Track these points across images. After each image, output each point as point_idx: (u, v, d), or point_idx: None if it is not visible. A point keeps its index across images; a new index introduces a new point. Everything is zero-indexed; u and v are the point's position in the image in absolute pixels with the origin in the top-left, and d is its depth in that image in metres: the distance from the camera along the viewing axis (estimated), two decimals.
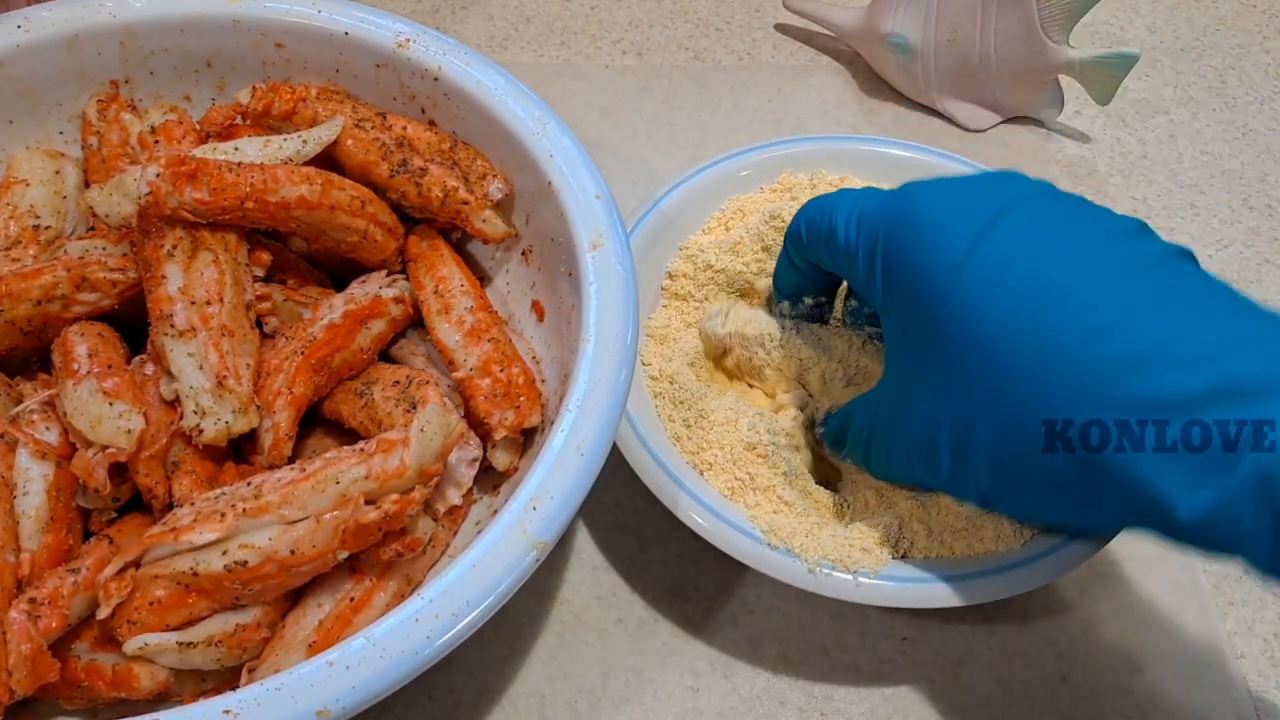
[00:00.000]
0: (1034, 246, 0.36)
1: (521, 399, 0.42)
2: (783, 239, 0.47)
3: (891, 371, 0.41)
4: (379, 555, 0.38)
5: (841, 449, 0.45)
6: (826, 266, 0.44)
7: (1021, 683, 0.45)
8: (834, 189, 0.53)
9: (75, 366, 0.40)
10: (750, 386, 0.50)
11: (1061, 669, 0.45)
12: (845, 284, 0.48)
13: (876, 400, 0.43)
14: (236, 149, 0.45)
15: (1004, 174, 0.40)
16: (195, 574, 0.36)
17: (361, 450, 0.37)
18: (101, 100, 0.50)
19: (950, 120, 0.67)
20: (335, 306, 0.45)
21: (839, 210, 0.42)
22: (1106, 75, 0.63)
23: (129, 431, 0.38)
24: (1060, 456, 0.34)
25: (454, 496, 0.42)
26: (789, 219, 0.52)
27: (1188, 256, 0.36)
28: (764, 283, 0.51)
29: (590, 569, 0.48)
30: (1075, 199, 0.38)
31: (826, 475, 0.47)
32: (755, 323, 0.48)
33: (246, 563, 0.36)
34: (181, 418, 0.39)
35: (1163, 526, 0.33)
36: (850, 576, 0.42)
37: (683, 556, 0.48)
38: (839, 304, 0.49)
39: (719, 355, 0.50)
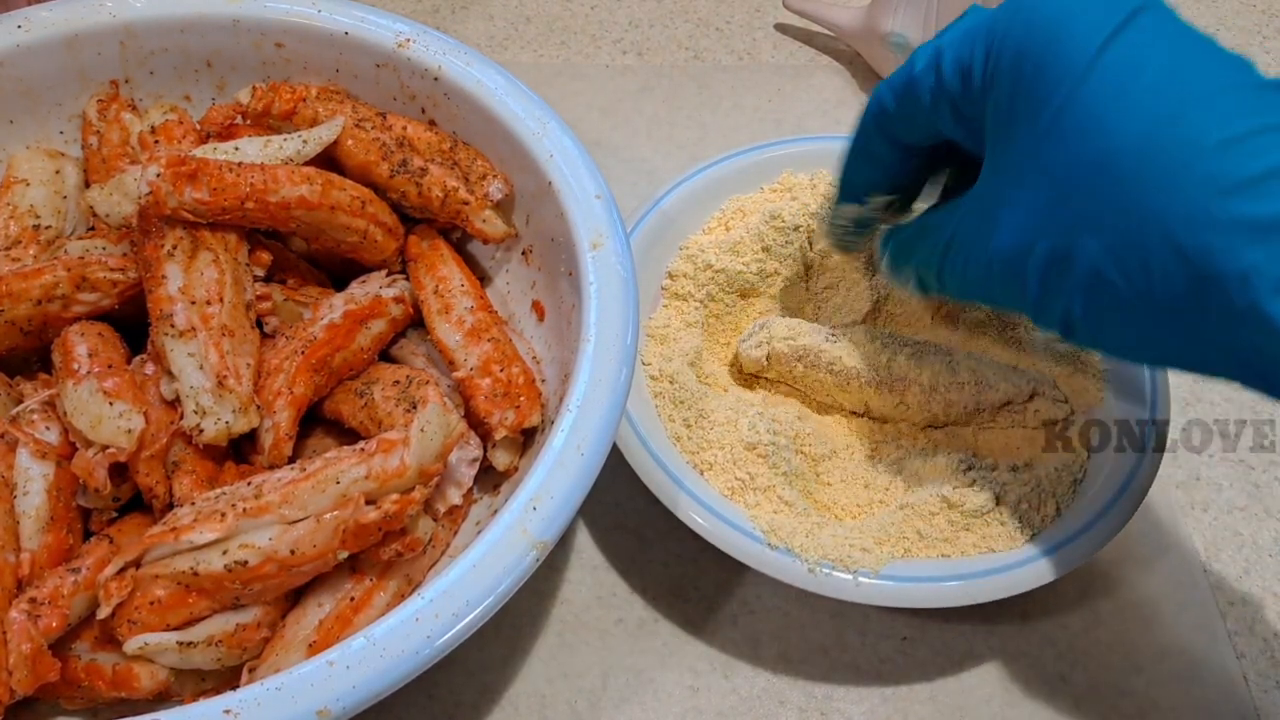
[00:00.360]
0: (1169, 49, 0.34)
1: (521, 399, 0.42)
2: (846, 150, 0.44)
3: (985, 183, 0.38)
4: (379, 555, 0.38)
5: (905, 263, 0.42)
6: (921, 132, 0.41)
7: (1021, 683, 0.45)
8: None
9: (75, 366, 0.40)
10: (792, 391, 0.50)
11: (1061, 669, 0.45)
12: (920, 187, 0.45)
13: (961, 210, 0.40)
14: (236, 149, 0.45)
15: None
16: (195, 574, 0.36)
17: (362, 450, 0.37)
18: (101, 100, 0.50)
19: None
20: (335, 306, 0.45)
21: (943, 44, 0.39)
22: None
23: (129, 431, 0.38)
24: (1174, 279, 0.32)
25: (454, 496, 0.42)
26: (789, 219, 0.52)
27: None
28: (765, 283, 0.51)
29: (590, 569, 0.48)
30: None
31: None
32: (800, 334, 0.48)
33: (247, 562, 0.36)
34: (182, 418, 0.39)
35: (1273, 367, 0.31)
36: (850, 576, 0.42)
37: (683, 556, 0.48)
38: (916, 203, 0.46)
39: (757, 371, 0.50)
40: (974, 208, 0.39)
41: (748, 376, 0.50)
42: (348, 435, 0.44)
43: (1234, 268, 0.30)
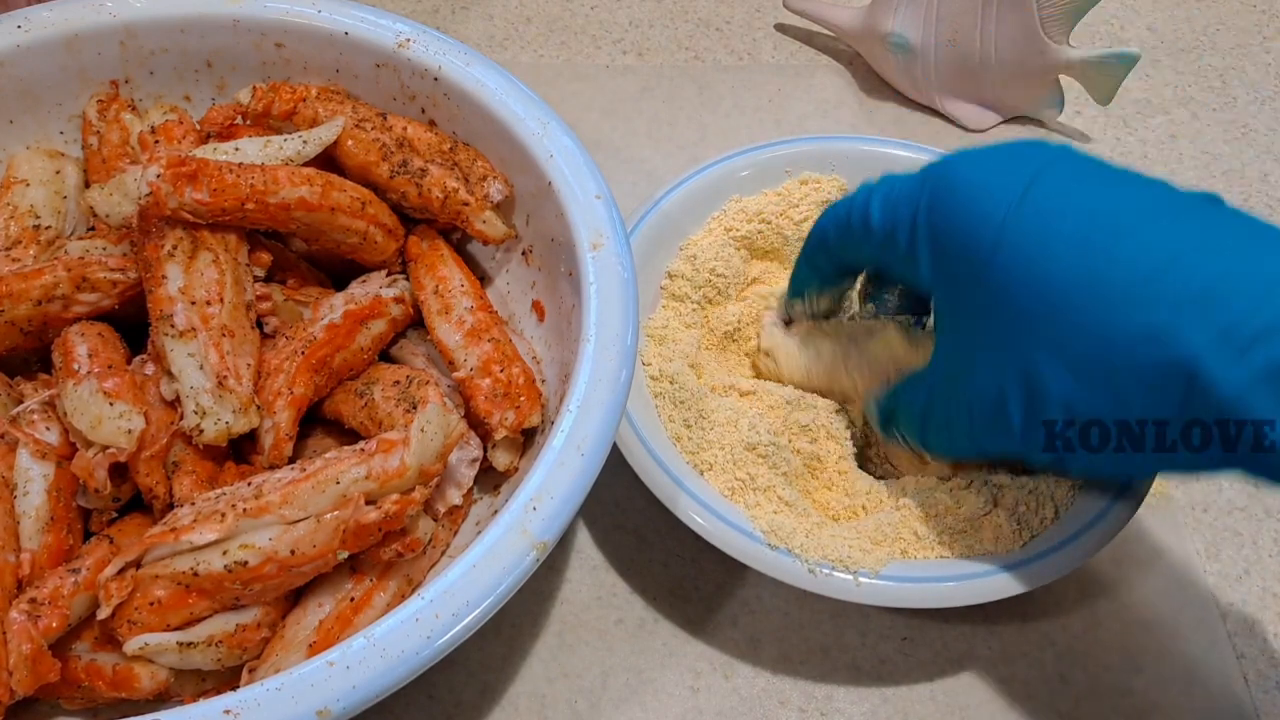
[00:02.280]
0: (1078, 196, 0.36)
1: (521, 399, 0.42)
2: (800, 245, 0.47)
3: (946, 342, 0.41)
4: (379, 555, 0.38)
5: (895, 430, 0.45)
6: (856, 261, 0.45)
7: (1021, 683, 0.45)
8: (834, 189, 0.53)
9: (75, 366, 0.40)
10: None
11: (1061, 669, 0.45)
12: (859, 279, 0.49)
13: (931, 373, 0.42)
14: (237, 149, 0.45)
15: (1029, 141, 0.40)
16: (196, 574, 0.36)
17: (362, 450, 0.37)
18: (101, 100, 0.50)
19: (950, 120, 0.67)
20: (335, 306, 0.45)
21: (871, 200, 0.42)
22: (1107, 75, 0.63)
23: (129, 431, 0.38)
24: (1151, 390, 0.33)
25: (454, 496, 0.42)
26: (789, 219, 0.52)
27: (1218, 200, 0.37)
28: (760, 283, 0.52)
29: (590, 569, 0.48)
30: (1098, 159, 0.39)
31: (876, 465, 0.48)
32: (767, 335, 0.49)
33: (247, 563, 0.36)
34: (182, 418, 0.39)
35: (1256, 457, 0.33)
36: (850, 576, 0.42)
37: (683, 556, 0.48)
38: (856, 296, 0.50)
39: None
40: (942, 369, 0.41)
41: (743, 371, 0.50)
42: (348, 435, 0.44)
43: (1184, 356, 0.32)
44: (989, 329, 0.38)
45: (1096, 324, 0.34)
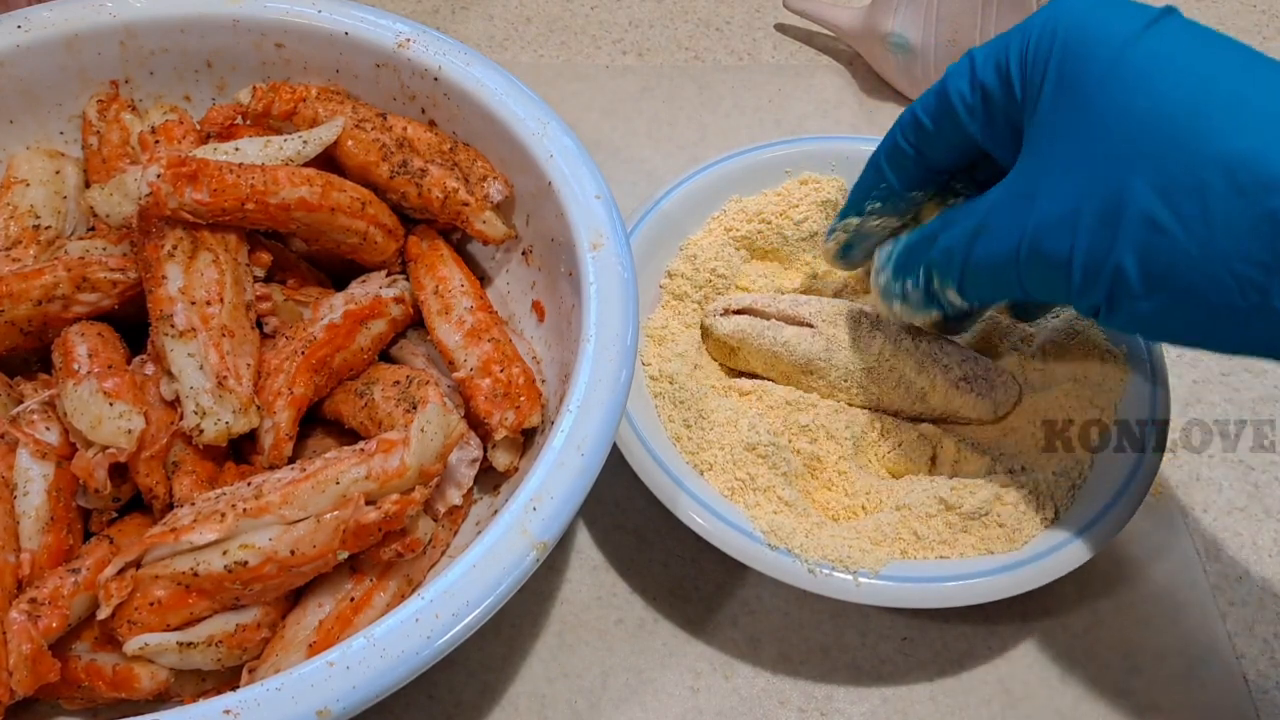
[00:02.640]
0: (1201, 38, 0.36)
1: (521, 399, 0.42)
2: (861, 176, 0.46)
3: (1021, 169, 0.39)
4: (379, 555, 0.38)
5: (916, 264, 0.43)
6: (947, 140, 0.42)
7: (1022, 683, 0.45)
8: (834, 189, 0.53)
9: (75, 366, 0.40)
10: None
11: (1061, 669, 0.45)
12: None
13: (993, 197, 0.40)
14: (237, 149, 0.45)
15: None
16: (196, 574, 0.36)
17: (362, 450, 0.37)
18: (102, 100, 0.50)
19: None
20: (335, 306, 0.45)
21: (968, 64, 0.41)
22: None
23: (129, 431, 0.38)
24: (1235, 219, 0.32)
25: (454, 497, 0.42)
26: (789, 219, 0.52)
27: None
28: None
29: (590, 569, 0.48)
30: None
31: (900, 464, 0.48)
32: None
33: (247, 563, 0.36)
34: (182, 418, 0.39)
35: None
36: (850, 576, 0.42)
37: (683, 556, 0.48)
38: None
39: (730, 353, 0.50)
40: (1009, 191, 0.39)
41: (738, 372, 0.50)
42: (348, 435, 0.44)
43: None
44: (1082, 151, 0.36)
45: (1200, 145, 0.33)
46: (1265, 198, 0.32)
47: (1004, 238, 0.38)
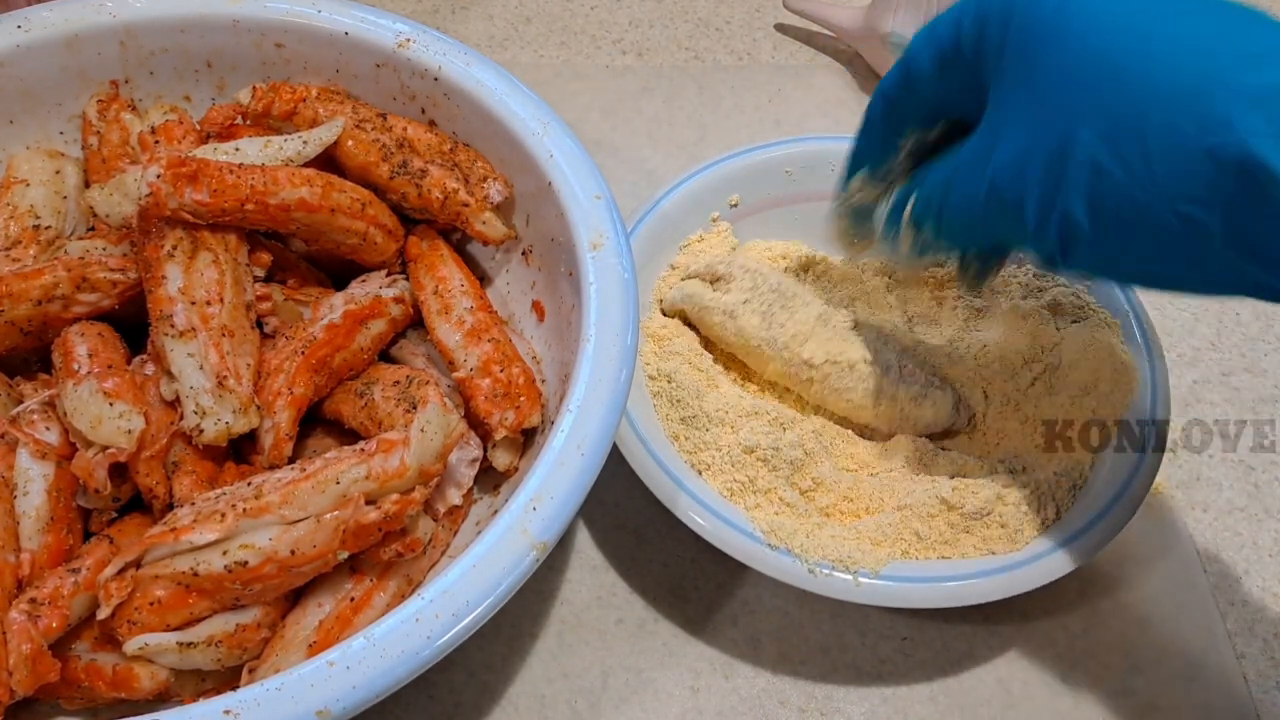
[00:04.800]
0: None
1: (521, 399, 0.42)
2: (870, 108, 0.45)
3: (985, 122, 0.40)
4: (379, 555, 0.38)
5: (901, 211, 0.43)
6: (920, 100, 0.43)
7: (1021, 683, 0.45)
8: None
9: (75, 366, 0.40)
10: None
11: (1061, 669, 0.45)
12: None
13: (963, 149, 0.41)
14: (237, 149, 0.45)
15: None
16: (195, 574, 0.36)
17: (362, 450, 0.37)
18: (101, 100, 0.50)
19: None
20: (335, 306, 0.45)
21: (935, 23, 0.41)
22: None
23: (129, 431, 0.38)
24: (1174, 159, 0.32)
25: (454, 496, 0.42)
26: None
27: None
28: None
29: (590, 569, 0.48)
30: None
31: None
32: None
33: (247, 563, 0.36)
34: (182, 418, 0.39)
35: None
36: (850, 576, 0.42)
37: (683, 556, 0.48)
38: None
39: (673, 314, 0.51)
40: (975, 142, 0.40)
41: (739, 372, 0.50)
42: (348, 435, 0.44)
43: (1240, 129, 0.31)
44: (1032, 100, 0.37)
45: (1140, 87, 0.33)
46: (1202, 136, 0.32)
47: (971, 184, 0.39)
